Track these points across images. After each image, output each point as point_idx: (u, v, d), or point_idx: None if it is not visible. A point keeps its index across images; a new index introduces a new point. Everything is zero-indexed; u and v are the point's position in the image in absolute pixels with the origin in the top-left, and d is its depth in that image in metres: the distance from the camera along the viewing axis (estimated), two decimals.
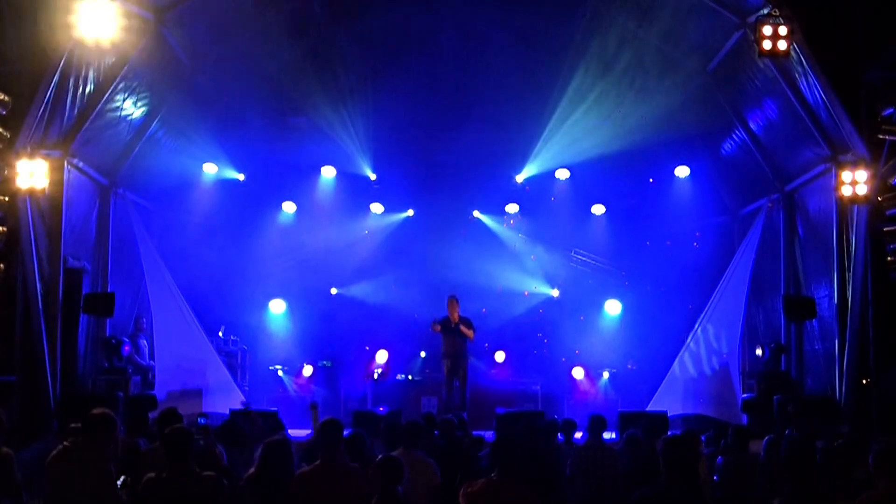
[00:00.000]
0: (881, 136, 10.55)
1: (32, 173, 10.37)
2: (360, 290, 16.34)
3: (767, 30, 10.02)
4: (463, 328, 13.16)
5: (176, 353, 12.95)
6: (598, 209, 16.45)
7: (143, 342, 13.35)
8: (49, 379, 10.64)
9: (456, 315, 13.27)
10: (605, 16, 12.97)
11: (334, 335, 15.85)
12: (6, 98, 10.35)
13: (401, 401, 14.24)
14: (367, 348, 15.61)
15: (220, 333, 14.79)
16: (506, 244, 16.68)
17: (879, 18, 10.55)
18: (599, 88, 13.85)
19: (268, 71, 13.70)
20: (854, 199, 10.69)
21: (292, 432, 9.60)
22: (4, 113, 10.36)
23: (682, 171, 15.55)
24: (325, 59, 13.71)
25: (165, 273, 13.34)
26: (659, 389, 14.12)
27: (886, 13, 10.49)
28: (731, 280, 13.73)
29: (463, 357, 13.25)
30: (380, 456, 5.67)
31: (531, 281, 16.62)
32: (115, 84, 11.16)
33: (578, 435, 9.10)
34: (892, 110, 10.38)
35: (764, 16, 10.17)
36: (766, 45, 10.05)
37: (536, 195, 16.41)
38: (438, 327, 13.25)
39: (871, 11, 10.63)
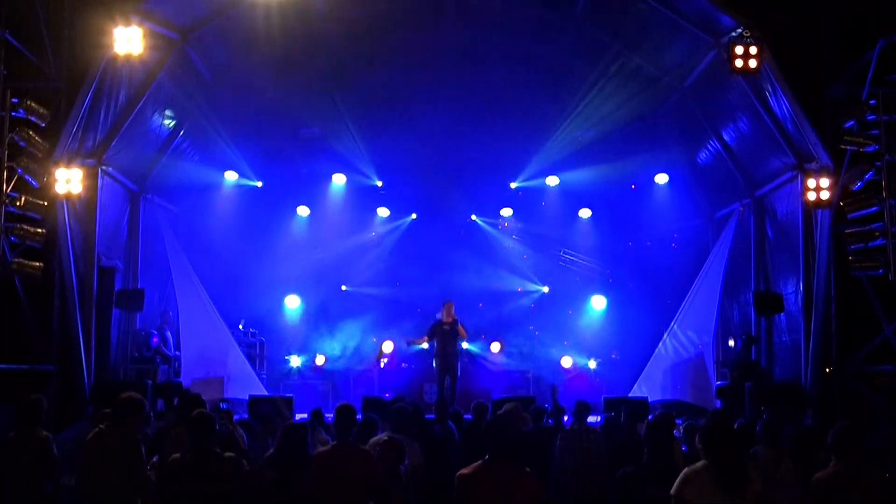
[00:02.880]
0: (843, 147, 10.54)
1: (69, 180, 10.37)
2: (368, 287, 16.35)
3: (739, 49, 10.02)
4: (460, 327, 13.03)
5: (200, 344, 12.93)
6: (585, 213, 16.44)
7: (169, 334, 13.34)
8: (84, 368, 10.65)
9: (450, 318, 13.05)
10: (593, 37, 12.96)
11: (344, 328, 15.84)
12: (45, 111, 10.36)
13: (404, 387, 14.23)
14: (374, 340, 15.61)
15: (241, 326, 14.77)
16: (500, 245, 16.69)
17: (842, 39, 10.56)
18: (587, 102, 13.88)
19: (283, 86, 13.70)
20: (818, 204, 10.67)
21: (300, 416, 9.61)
22: (43, 125, 10.37)
23: (661, 178, 15.53)
24: (335, 75, 13.71)
25: (190, 271, 13.33)
26: (640, 377, 14.11)
27: (849, 34, 10.50)
28: (706, 277, 13.72)
29: (454, 357, 12.91)
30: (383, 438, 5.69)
31: (523, 278, 16.62)
32: (144, 98, 11.19)
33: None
34: (853, 123, 10.37)
35: (736, 37, 10.17)
36: (738, 63, 10.05)
37: (528, 200, 16.45)
38: (425, 342, 13.05)
39: (834, 32, 10.63)
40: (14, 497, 5.93)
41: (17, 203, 10.14)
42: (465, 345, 13.72)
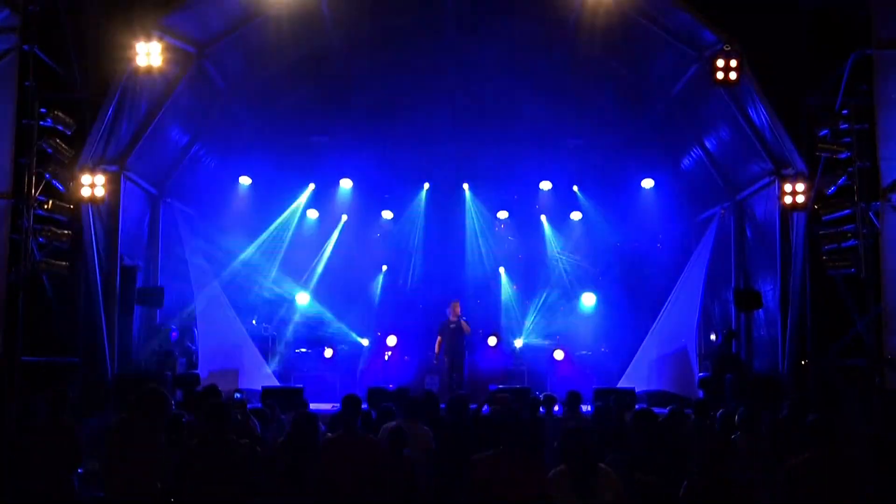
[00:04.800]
0: (818, 153, 10.54)
1: (93, 185, 10.40)
2: (373, 285, 16.36)
3: (720, 62, 10.03)
4: (463, 323, 13.23)
5: (216, 338, 12.95)
6: (576, 215, 16.45)
7: (195, 330, 13.34)
8: (108, 360, 10.67)
9: (455, 316, 13.29)
10: (584, 50, 12.94)
11: (351, 323, 15.85)
12: (71, 121, 10.37)
13: (407, 378, 14.24)
14: (379, 334, 15.61)
15: (254, 321, 14.78)
16: (497, 245, 16.69)
17: (817, 52, 10.56)
18: (581, 112, 13.90)
19: (294, 96, 13.73)
20: (794, 207, 10.68)
21: (314, 406, 9.61)
22: (70, 134, 10.39)
23: (647, 183, 15.55)
24: (343, 86, 13.72)
25: (207, 270, 13.34)
26: (628, 369, 14.11)
27: (823, 48, 10.50)
28: (689, 276, 13.73)
29: (460, 353, 13.28)
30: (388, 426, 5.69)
31: (520, 277, 16.61)
32: (163, 108, 11.21)
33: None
34: (826, 131, 10.37)
35: (718, 50, 10.18)
36: (720, 75, 10.06)
37: (523, 203, 16.45)
38: (438, 344, 13.38)
39: (810, 46, 10.62)
40: (39, 483, 5.94)
41: (45, 206, 10.17)
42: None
